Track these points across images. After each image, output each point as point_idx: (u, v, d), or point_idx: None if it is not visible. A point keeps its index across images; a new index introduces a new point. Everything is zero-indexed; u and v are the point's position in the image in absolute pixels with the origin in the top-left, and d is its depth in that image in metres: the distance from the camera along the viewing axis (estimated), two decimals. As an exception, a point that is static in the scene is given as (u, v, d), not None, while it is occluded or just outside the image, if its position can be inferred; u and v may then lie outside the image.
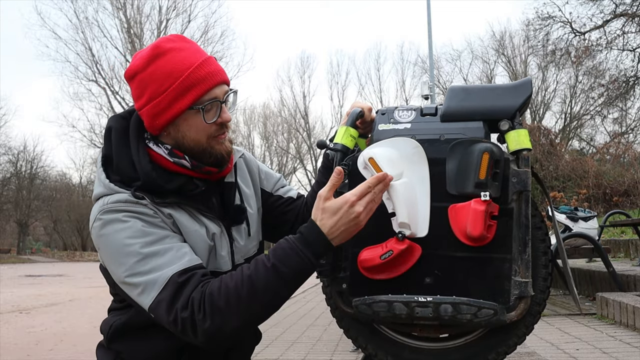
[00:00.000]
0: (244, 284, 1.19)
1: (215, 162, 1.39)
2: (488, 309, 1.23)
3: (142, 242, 1.25)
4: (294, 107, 38.39)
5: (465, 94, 1.33)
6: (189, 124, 1.34)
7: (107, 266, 1.31)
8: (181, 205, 1.35)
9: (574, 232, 5.23)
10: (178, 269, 1.23)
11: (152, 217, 1.29)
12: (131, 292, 1.26)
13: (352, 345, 3.68)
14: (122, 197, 1.30)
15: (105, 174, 1.36)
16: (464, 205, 1.25)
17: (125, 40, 33.36)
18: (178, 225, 1.33)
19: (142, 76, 1.33)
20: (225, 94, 1.37)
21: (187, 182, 1.37)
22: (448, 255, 1.27)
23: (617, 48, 19.36)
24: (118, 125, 1.40)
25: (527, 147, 1.27)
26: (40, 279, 15.64)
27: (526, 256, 1.24)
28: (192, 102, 1.32)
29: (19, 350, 5.17)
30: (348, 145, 1.38)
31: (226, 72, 1.42)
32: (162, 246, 1.26)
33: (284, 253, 1.20)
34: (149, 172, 1.33)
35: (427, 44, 19.47)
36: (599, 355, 3.01)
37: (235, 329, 1.20)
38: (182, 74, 1.30)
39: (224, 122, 1.37)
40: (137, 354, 1.37)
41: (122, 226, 1.27)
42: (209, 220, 1.38)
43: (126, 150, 1.37)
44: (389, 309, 1.26)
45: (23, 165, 39.87)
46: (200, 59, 1.34)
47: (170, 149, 1.37)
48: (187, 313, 1.19)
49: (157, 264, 1.24)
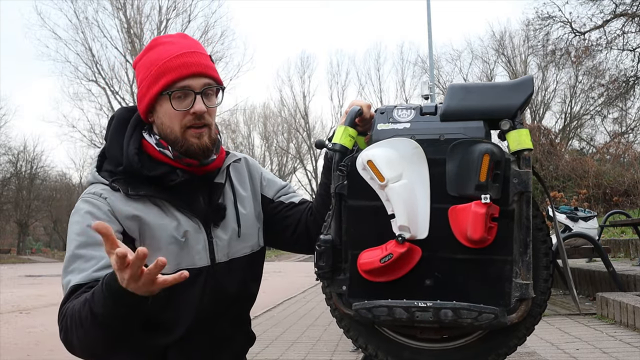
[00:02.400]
0: (83, 308, 1.21)
1: (188, 154, 1.42)
2: (489, 314, 1.22)
3: (79, 242, 1.33)
4: (294, 107, 38.41)
5: (465, 93, 1.31)
6: (163, 110, 1.41)
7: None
8: (154, 199, 1.40)
9: (574, 232, 5.23)
10: (78, 281, 1.29)
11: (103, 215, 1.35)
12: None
13: (352, 345, 3.68)
14: (97, 188, 1.40)
15: (97, 164, 1.46)
16: (464, 207, 1.23)
17: (125, 41, 33.34)
18: (140, 219, 1.37)
19: (138, 66, 1.45)
20: (204, 87, 1.40)
21: (170, 172, 1.42)
22: (448, 257, 1.26)
23: (617, 48, 19.35)
24: (119, 115, 1.50)
25: (529, 147, 1.25)
26: (40, 279, 15.63)
27: (527, 258, 1.23)
28: (162, 87, 1.38)
29: (19, 350, 5.16)
30: (347, 145, 1.36)
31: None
32: (91, 252, 1.32)
33: (96, 294, 1.19)
34: (132, 158, 1.40)
35: (427, 44, 19.44)
36: (599, 355, 3.01)
37: (79, 348, 1.26)
38: (160, 62, 1.39)
39: (196, 112, 1.39)
40: None
41: (77, 219, 1.37)
42: (183, 215, 1.42)
43: (120, 138, 1.45)
44: (389, 314, 1.25)
45: (23, 165, 39.85)
46: (184, 50, 1.40)
47: (158, 139, 1.44)
48: (58, 323, 1.28)
49: (77, 267, 1.31)
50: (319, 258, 1.31)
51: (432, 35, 17.83)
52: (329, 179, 1.48)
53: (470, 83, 1.47)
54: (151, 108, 1.43)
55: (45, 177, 42.57)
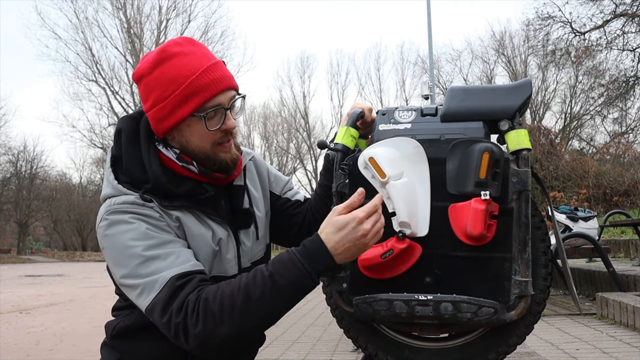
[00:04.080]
0: (240, 292, 1.18)
1: (220, 169, 1.38)
2: (488, 308, 1.23)
3: (145, 244, 1.25)
4: (294, 107, 38.41)
5: (465, 95, 1.33)
6: (192, 131, 1.33)
7: (110, 266, 1.31)
8: (189, 208, 1.34)
9: (574, 232, 5.23)
10: (177, 272, 1.22)
11: (157, 220, 1.29)
12: (130, 294, 1.27)
13: (352, 345, 3.68)
14: (129, 198, 1.30)
15: (114, 175, 1.35)
16: (464, 204, 1.25)
17: (125, 40, 33.39)
18: (184, 229, 1.32)
19: (148, 80, 1.32)
20: (231, 100, 1.34)
21: (196, 187, 1.36)
22: (448, 254, 1.27)
23: (617, 48, 19.38)
24: (127, 127, 1.40)
25: (527, 147, 1.27)
26: (40, 279, 15.64)
27: (526, 255, 1.25)
28: (195, 109, 1.30)
29: (19, 350, 5.17)
30: (348, 145, 1.39)
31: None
32: (164, 250, 1.25)
33: (283, 265, 1.19)
34: (159, 176, 1.32)
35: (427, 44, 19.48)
36: (599, 355, 3.01)
37: (227, 336, 1.18)
38: (186, 80, 1.29)
39: (228, 129, 1.35)
40: (140, 355, 1.38)
41: (127, 227, 1.27)
42: (216, 224, 1.37)
43: (136, 152, 1.36)
44: (390, 308, 1.26)
45: (23, 165, 39.88)
46: (206, 64, 1.32)
47: (179, 153, 1.36)
48: (181, 317, 1.18)
49: (158, 267, 1.23)
50: None
51: (432, 35, 17.86)
52: (329, 180, 1.49)
53: (470, 85, 1.49)
54: (176, 127, 1.34)
55: (45, 177, 42.63)
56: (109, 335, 1.43)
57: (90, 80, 33.58)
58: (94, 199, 44.47)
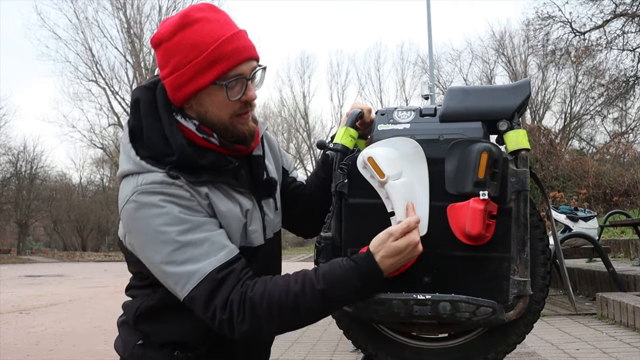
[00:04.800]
0: (289, 300, 1.19)
1: (238, 141, 1.34)
2: (486, 307, 1.23)
3: (179, 229, 1.22)
4: (294, 107, 38.43)
5: (464, 95, 1.34)
6: (211, 99, 1.29)
7: (140, 251, 1.28)
8: (215, 183, 1.30)
9: (574, 232, 5.22)
10: (216, 264, 1.21)
11: (188, 200, 1.25)
12: (165, 280, 1.25)
13: (352, 345, 3.68)
14: (158, 177, 1.25)
15: (135, 151, 1.30)
16: (462, 204, 1.25)
17: (125, 40, 33.42)
18: (213, 206, 1.29)
19: (168, 45, 1.28)
20: (253, 71, 1.30)
21: (219, 158, 1.32)
22: (447, 254, 1.27)
23: (617, 48, 19.37)
24: (145, 97, 1.33)
25: (526, 147, 1.27)
26: (40, 279, 15.64)
27: (525, 255, 1.25)
28: (216, 77, 1.26)
29: (19, 350, 5.17)
30: (348, 145, 1.39)
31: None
32: (199, 235, 1.23)
33: (335, 281, 1.20)
34: (184, 147, 1.27)
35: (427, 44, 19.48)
36: (599, 355, 3.01)
37: (270, 333, 1.25)
38: (209, 47, 1.25)
39: (249, 100, 1.31)
40: (164, 335, 1.34)
41: (158, 211, 1.22)
42: (241, 195, 1.34)
43: (157, 123, 1.30)
44: (388, 307, 1.26)
45: (23, 166, 39.86)
46: (230, 32, 1.28)
47: (198, 124, 1.31)
48: (226, 315, 1.19)
49: (194, 254, 1.21)
50: (319, 255, 1.33)
51: (432, 35, 17.86)
52: (326, 173, 1.49)
53: (468, 86, 1.49)
54: (195, 96, 1.29)
55: (45, 177, 42.61)
56: (132, 317, 1.38)
57: (90, 80, 33.64)
58: (94, 199, 44.49)
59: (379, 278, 1.21)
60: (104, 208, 41.30)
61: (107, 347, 5.24)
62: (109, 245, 43.82)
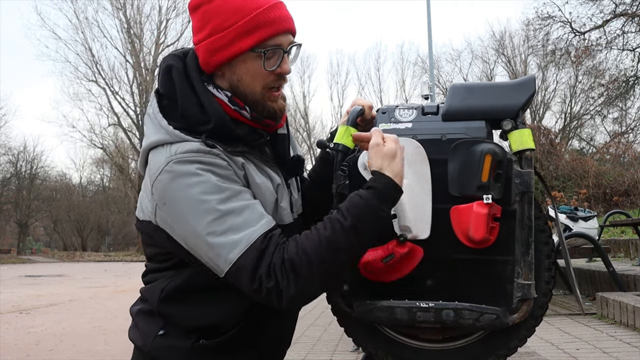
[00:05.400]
0: (323, 247, 1.14)
1: (268, 116, 1.32)
2: (490, 314, 1.22)
3: (218, 198, 1.17)
4: (294, 107, 38.37)
5: (467, 93, 1.31)
6: (246, 67, 1.26)
7: (176, 222, 1.21)
8: (248, 156, 1.28)
9: (574, 232, 5.22)
10: (260, 231, 1.17)
11: (225, 169, 1.21)
12: (206, 252, 1.18)
13: (352, 345, 3.68)
14: (194, 146, 1.21)
15: (167, 121, 1.26)
16: (466, 207, 1.23)
17: (125, 41, 33.41)
18: (248, 178, 1.26)
19: (208, 8, 1.25)
20: (290, 45, 1.28)
21: (251, 131, 1.29)
22: (450, 257, 1.26)
23: (617, 48, 19.38)
24: (178, 64, 1.30)
25: (531, 147, 1.25)
26: (40, 279, 15.63)
27: (529, 258, 1.23)
28: (255, 43, 1.23)
29: (19, 350, 5.17)
30: (348, 145, 1.36)
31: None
32: (238, 203, 1.19)
33: (361, 212, 1.15)
34: (222, 115, 1.24)
35: (427, 44, 19.46)
36: (599, 355, 3.01)
37: (318, 290, 1.18)
38: (251, 13, 1.22)
39: (283, 73, 1.29)
40: (193, 319, 1.29)
41: (196, 180, 1.18)
42: (272, 170, 1.32)
43: (191, 90, 1.27)
44: (391, 314, 1.25)
45: (23, 166, 39.83)
46: (272, 1, 1.26)
47: (230, 96, 1.28)
48: (272, 282, 1.13)
49: (235, 223, 1.17)
50: None
51: (432, 35, 17.87)
52: (323, 170, 1.48)
53: (472, 83, 1.46)
54: (230, 62, 1.26)
55: (45, 177, 42.58)
56: (157, 300, 1.31)
57: (90, 80, 33.64)
58: (94, 199, 44.49)
59: (395, 188, 1.18)
60: (104, 208, 41.30)
61: (107, 347, 5.24)
62: (109, 245, 43.84)
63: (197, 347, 1.28)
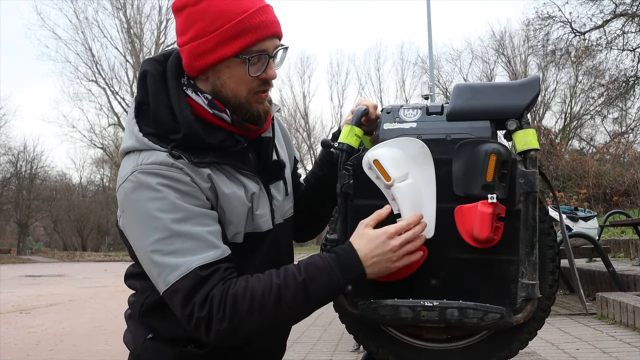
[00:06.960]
0: (272, 293, 1.16)
1: (251, 120, 1.30)
2: (495, 313, 1.22)
3: (172, 218, 1.17)
4: (293, 107, 38.34)
5: (472, 93, 1.31)
6: (230, 73, 1.25)
7: (130, 232, 1.24)
8: (218, 165, 1.26)
9: (574, 232, 5.22)
10: (202, 261, 1.16)
11: (187, 185, 1.20)
12: (149, 268, 1.20)
13: (352, 345, 3.68)
14: (159, 157, 1.20)
15: (139, 127, 1.25)
16: (470, 206, 1.23)
17: (125, 41, 33.41)
18: (216, 189, 1.24)
19: (192, 10, 1.23)
20: (275, 49, 1.27)
21: (228, 137, 1.27)
22: (454, 257, 1.26)
23: (617, 48, 19.39)
24: (154, 70, 1.29)
25: (535, 147, 1.25)
26: (40, 279, 15.62)
27: (533, 258, 1.23)
28: (240, 49, 1.21)
29: (19, 350, 5.17)
30: (353, 144, 1.35)
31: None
32: (191, 228, 1.18)
33: (316, 270, 1.18)
34: (192, 123, 1.22)
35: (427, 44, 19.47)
36: (599, 355, 3.01)
37: (251, 334, 1.17)
38: (236, 17, 1.20)
39: (268, 78, 1.27)
40: (174, 330, 1.28)
41: (155, 195, 1.18)
42: (247, 178, 1.30)
43: (164, 97, 1.26)
44: (395, 313, 1.25)
45: (23, 166, 39.79)
46: (258, 4, 1.24)
47: (211, 99, 1.26)
48: (205, 312, 1.14)
49: (181, 247, 1.16)
50: None
51: (432, 35, 17.87)
52: (324, 172, 1.48)
53: (476, 83, 1.46)
54: (214, 67, 1.24)
55: (45, 177, 42.53)
56: (138, 313, 1.34)
57: (90, 80, 33.65)
58: (94, 199, 44.42)
59: (358, 266, 1.19)
60: (104, 208, 41.23)
61: (107, 347, 5.24)
62: (109, 245, 43.79)
63: (185, 352, 1.29)
